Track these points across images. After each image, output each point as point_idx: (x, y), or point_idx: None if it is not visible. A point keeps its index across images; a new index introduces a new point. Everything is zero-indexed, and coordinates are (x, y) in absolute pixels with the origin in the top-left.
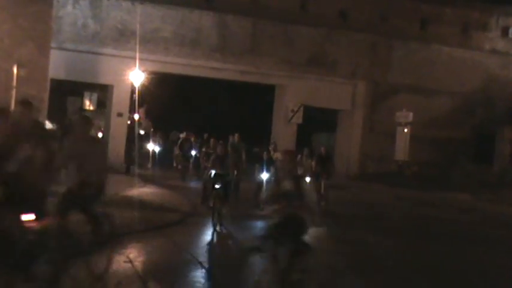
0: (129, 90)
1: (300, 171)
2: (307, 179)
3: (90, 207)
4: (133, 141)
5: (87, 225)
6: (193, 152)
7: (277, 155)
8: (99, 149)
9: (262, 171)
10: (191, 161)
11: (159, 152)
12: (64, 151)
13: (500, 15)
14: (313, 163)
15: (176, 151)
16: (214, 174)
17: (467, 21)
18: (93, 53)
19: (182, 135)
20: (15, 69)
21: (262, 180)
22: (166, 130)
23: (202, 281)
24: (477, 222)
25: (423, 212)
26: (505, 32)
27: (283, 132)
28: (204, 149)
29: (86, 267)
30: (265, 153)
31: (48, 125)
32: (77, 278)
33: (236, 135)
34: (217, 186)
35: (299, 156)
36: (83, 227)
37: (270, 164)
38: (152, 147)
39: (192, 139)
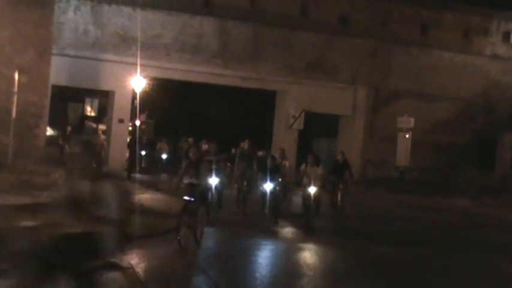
0: (130, 96)
1: (304, 181)
2: (312, 189)
3: None
4: (134, 147)
5: None
6: None
7: (286, 163)
8: None
9: (266, 181)
10: None
11: (167, 159)
12: None
13: (501, 20)
14: (321, 170)
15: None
16: (186, 184)
17: (468, 26)
18: (94, 59)
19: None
20: (16, 76)
21: (266, 192)
22: (167, 136)
23: (204, 287)
24: (479, 227)
25: (424, 218)
26: (506, 37)
27: (284, 138)
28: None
29: None
30: (269, 160)
31: (50, 131)
32: None
33: (246, 141)
34: (187, 198)
35: (303, 164)
36: None
37: (275, 172)
38: (157, 153)
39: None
